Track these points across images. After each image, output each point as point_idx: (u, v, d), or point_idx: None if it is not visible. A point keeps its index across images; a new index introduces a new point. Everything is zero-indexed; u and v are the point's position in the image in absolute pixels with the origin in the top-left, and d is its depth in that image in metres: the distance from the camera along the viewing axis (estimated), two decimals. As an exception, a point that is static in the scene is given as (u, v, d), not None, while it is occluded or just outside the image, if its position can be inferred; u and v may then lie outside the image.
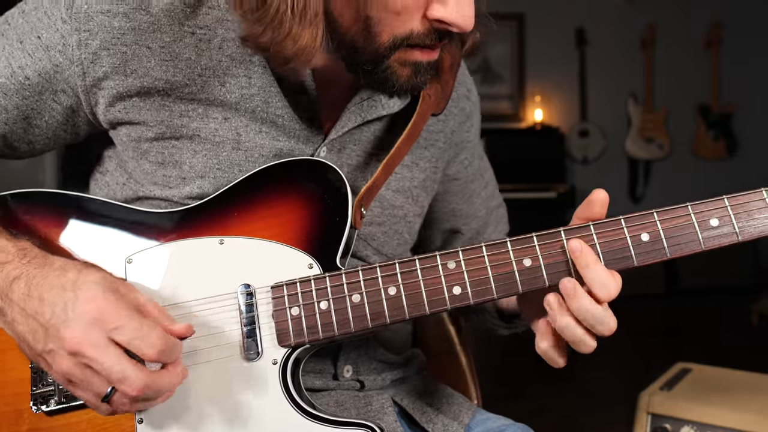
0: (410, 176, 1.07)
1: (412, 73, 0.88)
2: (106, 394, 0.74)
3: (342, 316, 0.85)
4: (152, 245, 0.88)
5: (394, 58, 0.86)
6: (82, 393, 0.76)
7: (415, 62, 0.87)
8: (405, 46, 0.85)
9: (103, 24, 0.88)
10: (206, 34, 0.91)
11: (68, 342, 0.73)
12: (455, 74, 1.07)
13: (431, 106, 1.02)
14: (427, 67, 0.89)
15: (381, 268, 0.86)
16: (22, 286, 0.77)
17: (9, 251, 0.81)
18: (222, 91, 0.92)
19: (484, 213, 1.23)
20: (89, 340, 0.72)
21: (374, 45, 0.84)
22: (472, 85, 1.18)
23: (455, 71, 1.07)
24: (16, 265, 0.79)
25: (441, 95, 1.04)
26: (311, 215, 0.90)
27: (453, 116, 1.12)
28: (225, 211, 0.90)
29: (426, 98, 1.01)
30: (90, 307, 0.73)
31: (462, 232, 1.22)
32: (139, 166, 0.95)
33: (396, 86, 0.89)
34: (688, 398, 1.84)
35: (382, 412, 1.02)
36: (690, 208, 0.84)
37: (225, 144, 0.93)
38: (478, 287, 0.85)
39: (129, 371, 0.73)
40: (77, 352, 0.73)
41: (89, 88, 0.90)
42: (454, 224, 1.21)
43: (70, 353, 0.73)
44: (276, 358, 0.86)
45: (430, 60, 0.89)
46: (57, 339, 0.73)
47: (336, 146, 0.99)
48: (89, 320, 0.73)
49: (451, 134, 1.13)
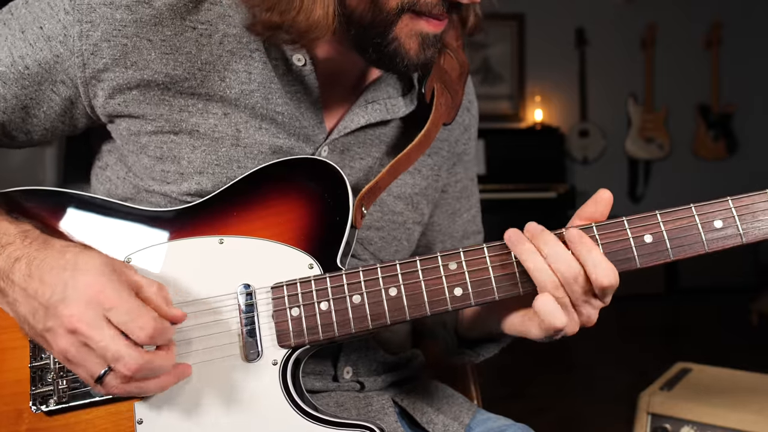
0: (412, 183, 1.06)
1: (420, 46, 0.88)
2: (99, 375, 0.75)
3: (342, 316, 0.85)
4: (151, 244, 0.88)
5: (401, 27, 0.86)
6: (80, 371, 0.78)
7: (421, 33, 0.87)
8: (412, 12, 0.85)
9: (105, 16, 0.88)
10: (207, 29, 0.91)
11: (66, 319, 0.74)
12: (464, 84, 1.08)
13: (443, 114, 1.02)
14: (434, 40, 0.89)
15: (382, 268, 0.86)
16: (23, 267, 0.78)
17: (11, 233, 0.82)
18: (222, 86, 0.92)
19: (460, 235, 1.20)
20: (86, 318, 0.74)
21: (382, 13, 0.84)
22: (474, 98, 1.18)
23: (464, 81, 1.07)
24: (18, 247, 0.80)
25: (451, 105, 1.04)
26: (311, 215, 0.90)
27: (456, 126, 1.12)
28: (224, 210, 0.90)
29: (438, 107, 1.01)
30: (87, 287, 0.75)
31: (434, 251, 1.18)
32: (139, 160, 0.95)
33: (405, 61, 0.88)
34: (688, 398, 1.84)
35: (382, 412, 1.02)
36: (694, 209, 0.83)
37: (224, 140, 0.93)
38: (480, 288, 0.84)
39: (123, 351, 0.74)
40: (75, 330, 0.74)
41: (89, 79, 0.90)
42: (429, 239, 1.18)
43: (68, 331, 0.75)
44: (276, 359, 0.86)
45: (436, 32, 0.88)
46: (56, 317, 0.75)
47: (338, 147, 0.99)
48: (86, 299, 0.74)
49: (455, 144, 1.13)
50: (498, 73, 5.87)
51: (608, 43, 5.82)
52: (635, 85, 5.87)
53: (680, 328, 4.80)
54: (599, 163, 5.90)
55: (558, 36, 5.84)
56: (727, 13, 5.80)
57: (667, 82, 5.87)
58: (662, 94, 5.87)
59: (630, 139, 5.90)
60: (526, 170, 5.33)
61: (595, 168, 5.89)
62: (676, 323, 4.99)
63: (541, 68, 5.88)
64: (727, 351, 4.04)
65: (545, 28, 5.82)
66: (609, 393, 3.45)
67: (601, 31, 5.80)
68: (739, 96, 5.85)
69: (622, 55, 5.88)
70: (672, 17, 5.81)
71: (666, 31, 5.81)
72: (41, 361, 0.85)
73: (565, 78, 5.89)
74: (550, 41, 5.84)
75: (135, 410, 0.84)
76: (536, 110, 5.80)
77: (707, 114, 5.90)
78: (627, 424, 2.00)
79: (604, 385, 3.63)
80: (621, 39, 5.85)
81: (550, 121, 5.82)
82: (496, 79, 5.86)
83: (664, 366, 2.11)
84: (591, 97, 5.87)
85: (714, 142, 5.91)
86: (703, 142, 5.92)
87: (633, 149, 5.90)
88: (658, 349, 4.32)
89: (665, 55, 5.85)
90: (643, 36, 5.85)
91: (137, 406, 0.84)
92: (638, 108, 5.87)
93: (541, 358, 4.00)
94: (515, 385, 3.64)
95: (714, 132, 5.90)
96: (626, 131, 5.91)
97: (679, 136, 5.90)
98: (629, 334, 4.36)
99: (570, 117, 5.92)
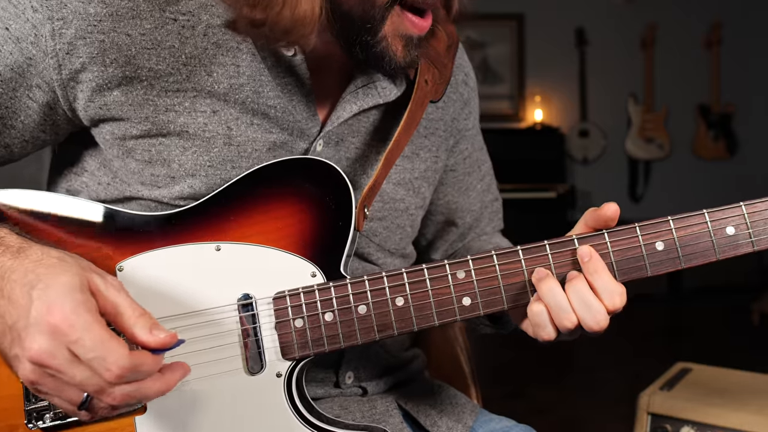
0: (411, 167, 1.03)
1: (404, 48, 0.87)
2: (81, 402, 0.69)
3: (348, 327, 0.82)
4: (143, 251, 0.83)
5: (388, 27, 0.84)
6: (56, 401, 0.71)
7: (405, 34, 0.86)
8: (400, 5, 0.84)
9: (78, 11, 0.82)
10: (189, 20, 0.86)
11: (28, 352, 0.66)
12: (453, 57, 1.04)
13: (428, 92, 0.98)
14: (418, 42, 0.88)
15: (388, 277, 0.83)
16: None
17: None
18: (209, 81, 0.87)
19: (479, 207, 1.19)
20: (50, 352, 0.66)
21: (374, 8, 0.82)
22: (470, 70, 1.14)
23: (453, 54, 1.04)
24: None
25: (439, 80, 1.00)
26: (312, 219, 0.85)
27: (453, 103, 1.08)
28: (221, 214, 0.85)
29: (422, 84, 0.96)
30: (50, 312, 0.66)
31: (456, 225, 1.18)
32: (125, 164, 0.89)
33: (393, 62, 0.87)
34: (688, 398, 1.83)
35: (387, 414, 1.01)
36: (707, 215, 0.81)
37: (216, 139, 0.88)
38: (488, 297, 0.82)
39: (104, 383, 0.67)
40: (40, 364, 0.67)
41: (66, 82, 0.84)
42: (448, 216, 1.17)
43: (34, 363, 0.67)
44: (280, 371, 0.83)
45: (420, 34, 0.87)
46: (20, 347, 0.67)
47: (333, 138, 0.95)
48: (48, 330, 0.66)
49: (452, 122, 1.09)
50: (498, 72, 5.85)
51: (608, 43, 5.81)
52: (635, 85, 5.86)
53: (682, 328, 4.80)
54: (599, 163, 5.89)
55: (558, 36, 5.82)
56: (727, 13, 5.79)
57: (667, 82, 5.86)
58: (662, 94, 5.86)
59: (630, 139, 5.89)
60: (526, 170, 5.32)
61: (595, 168, 5.89)
62: (677, 323, 4.99)
63: (540, 68, 5.87)
64: (728, 351, 4.04)
65: (545, 28, 5.80)
66: (609, 393, 3.45)
67: (601, 31, 5.79)
68: (739, 96, 5.83)
69: (622, 55, 5.86)
70: (672, 17, 5.79)
71: (666, 31, 5.80)
72: None
73: (565, 78, 5.88)
74: (550, 41, 5.83)
75: (136, 425, 0.80)
76: (536, 110, 5.79)
77: (707, 114, 5.89)
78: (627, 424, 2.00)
79: (605, 384, 3.62)
80: (621, 39, 5.84)
81: (550, 121, 5.81)
82: (496, 79, 5.85)
83: (664, 366, 2.11)
84: (591, 97, 5.86)
85: (714, 142, 5.90)
86: (703, 142, 5.91)
87: (633, 149, 5.89)
88: (659, 349, 4.31)
89: (665, 55, 5.84)
90: (643, 36, 5.84)
91: (138, 421, 0.80)
92: (638, 108, 5.86)
93: (541, 357, 4.00)
94: (515, 385, 3.64)
95: (714, 132, 5.90)
96: (626, 131, 5.90)
97: (679, 136, 5.89)
98: (630, 334, 4.36)
99: (570, 117, 5.91)
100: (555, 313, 0.80)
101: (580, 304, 0.79)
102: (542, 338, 0.82)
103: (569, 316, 0.79)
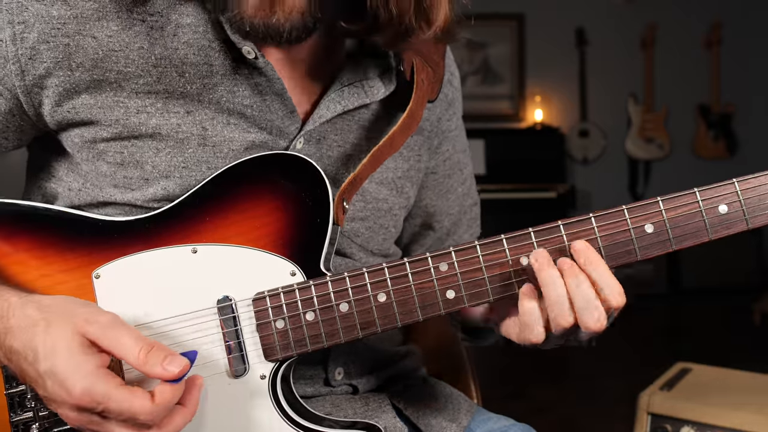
0: (394, 166, 1.00)
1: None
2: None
3: (330, 326, 0.81)
4: (119, 257, 0.81)
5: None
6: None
7: None
8: None
9: (40, 13, 0.79)
10: (158, 20, 0.83)
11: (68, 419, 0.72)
12: (443, 55, 1.02)
13: (426, 92, 0.96)
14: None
15: (369, 273, 0.81)
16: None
17: None
18: (181, 82, 0.84)
19: (457, 210, 1.15)
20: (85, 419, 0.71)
21: None
22: (455, 69, 1.12)
23: (443, 51, 1.02)
24: None
25: (434, 79, 0.98)
26: (289, 217, 0.83)
27: (439, 102, 1.06)
28: (196, 215, 0.83)
29: (420, 84, 0.94)
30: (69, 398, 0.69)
31: (434, 229, 1.15)
32: (96, 168, 0.86)
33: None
34: (688, 398, 1.83)
35: (380, 410, 0.99)
36: (698, 194, 0.79)
37: (190, 140, 0.85)
38: (473, 290, 0.81)
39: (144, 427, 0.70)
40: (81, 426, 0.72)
41: (30, 88, 0.82)
42: (426, 220, 1.13)
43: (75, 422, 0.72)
44: (264, 373, 0.81)
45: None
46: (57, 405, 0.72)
47: (314, 137, 0.92)
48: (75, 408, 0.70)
49: (437, 122, 1.06)
50: (498, 72, 5.85)
51: (608, 43, 5.80)
52: (635, 85, 5.85)
53: (682, 328, 4.79)
54: (599, 163, 5.88)
55: (558, 36, 5.81)
56: (727, 13, 5.78)
57: (667, 82, 5.84)
58: (662, 94, 5.84)
59: (630, 139, 5.87)
60: (526, 170, 5.31)
61: (595, 168, 5.87)
62: (678, 323, 4.98)
63: (541, 68, 5.86)
64: (729, 351, 4.03)
65: (545, 28, 5.80)
66: (609, 393, 3.44)
67: (601, 31, 5.78)
68: (739, 96, 5.82)
69: (622, 55, 5.85)
70: (672, 17, 5.78)
71: (666, 31, 5.79)
72: (16, 388, 0.79)
73: (565, 78, 5.87)
74: (550, 41, 5.82)
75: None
76: (536, 110, 5.78)
77: (707, 114, 5.88)
78: (627, 424, 2.00)
79: (604, 384, 3.61)
80: (621, 39, 5.83)
81: (550, 121, 5.80)
82: (496, 79, 5.84)
83: (664, 366, 2.10)
84: (591, 97, 5.84)
85: (714, 142, 5.89)
86: (703, 142, 5.90)
87: (633, 149, 5.88)
88: (660, 349, 4.31)
89: (665, 55, 5.82)
90: (643, 36, 5.83)
91: None
92: (638, 108, 5.84)
93: (541, 358, 3.98)
94: (515, 385, 3.63)
95: (714, 132, 5.88)
96: (626, 131, 5.88)
97: (679, 136, 5.87)
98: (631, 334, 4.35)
99: (570, 117, 5.90)
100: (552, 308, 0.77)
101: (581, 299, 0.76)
102: (530, 341, 0.80)
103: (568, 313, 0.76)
